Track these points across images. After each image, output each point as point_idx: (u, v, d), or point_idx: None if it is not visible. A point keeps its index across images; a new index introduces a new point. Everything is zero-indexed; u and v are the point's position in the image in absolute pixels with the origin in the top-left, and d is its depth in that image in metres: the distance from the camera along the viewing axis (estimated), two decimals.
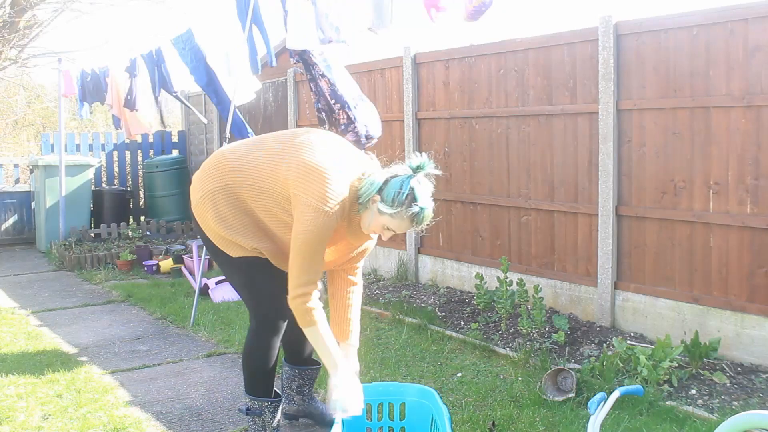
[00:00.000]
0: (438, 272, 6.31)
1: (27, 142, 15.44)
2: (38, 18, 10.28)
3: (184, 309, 5.81)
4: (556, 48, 5.15)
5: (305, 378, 3.44)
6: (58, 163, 8.70)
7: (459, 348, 4.63)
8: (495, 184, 5.70)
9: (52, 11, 10.24)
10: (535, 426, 3.41)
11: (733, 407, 3.56)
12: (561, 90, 5.14)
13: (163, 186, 9.71)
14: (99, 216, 9.44)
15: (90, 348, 4.92)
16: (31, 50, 10.82)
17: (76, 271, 7.73)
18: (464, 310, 5.40)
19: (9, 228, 9.62)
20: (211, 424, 3.60)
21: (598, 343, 4.58)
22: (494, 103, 5.67)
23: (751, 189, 4.13)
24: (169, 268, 7.45)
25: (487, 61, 5.70)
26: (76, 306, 6.21)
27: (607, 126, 4.78)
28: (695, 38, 4.34)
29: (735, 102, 4.15)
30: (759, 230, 4.10)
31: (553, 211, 5.25)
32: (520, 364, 4.23)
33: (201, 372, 4.38)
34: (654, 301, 4.63)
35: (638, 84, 4.65)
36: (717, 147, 4.27)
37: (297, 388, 3.45)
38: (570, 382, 3.75)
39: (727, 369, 4.01)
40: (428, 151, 6.28)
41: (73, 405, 3.79)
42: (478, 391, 3.87)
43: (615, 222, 4.81)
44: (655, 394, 3.66)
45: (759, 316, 4.11)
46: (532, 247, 5.44)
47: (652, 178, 4.61)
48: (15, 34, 9.74)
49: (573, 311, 5.14)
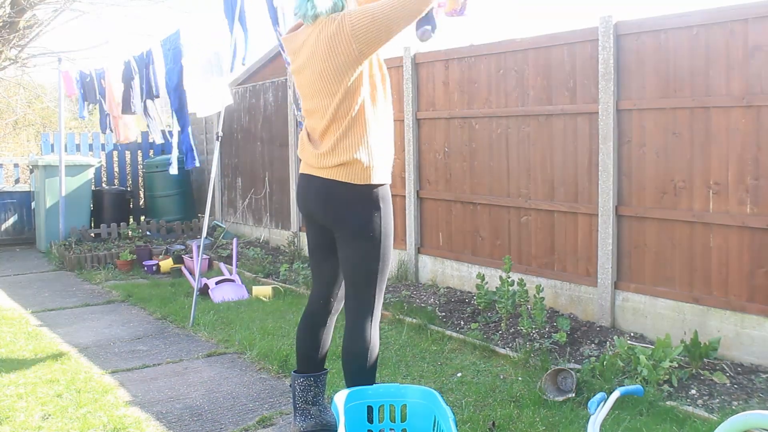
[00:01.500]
0: (438, 272, 6.31)
1: (27, 142, 15.45)
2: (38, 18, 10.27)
3: (184, 309, 5.81)
4: (556, 48, 5.15)
5: (320, 385, 3.32)
6: (58, 163, 8.71)
7: (459, 348, 4.63)
8: (495, 184, 5.70)
9: (52, 11, 10.23)
10: (535, 426, 3.40)
11: (733, 407, 3.56)
12: (561, 90, 5.14)
13: (163, 186, 9.71)
14: (99, 216, 9.44)
15: (90, 348, 4.92)
16: (31, 50, 10.81)
17: (76, 271, 7.73)
18: (464, 310, 5.40)
19: (9, 228, 9.62)
20: (211, 424, 3.60)
21: (598, 343, 4.58)
22: (494, 103, 5.67)
23: (751, 189, 4.13)
24: (169, 268, 7.45)
25: (487, 61, 5.70)
26: (76, 306, 6.21)
27: (607, 126, 4.78)
28: (695, 38, 4.34)
29: (735, 102, 4.16)
30: (759, 230, 4.10)
31: (553, 211, 5.25)
32: (520, 364, 4.23)
33: (201, 372, 4.38)
34: (654, 301, 4.63)
35: (638, 84, 4.65)
36: (717, 147, 4.27)
37: (313, 399, 3.27)
38: (570, 382, 3.75)
39: (727, 369, 4.01)
40: (428, 152, 6.29)
41: (73, 405, 3.79)
42: (478, 391, 3.87)
43: (615, 222, 4.81)
44: (655, 394, 3.66)
45: (759, 316, 4.11)
46: (532, 247, 5.44)
47: (652, 178, 4.61)
48: (15, 34, 9.74)
49: (573, 311, 5.14)
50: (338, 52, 2.75)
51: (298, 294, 6.22)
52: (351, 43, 2.73)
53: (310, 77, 2.88)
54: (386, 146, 2.94)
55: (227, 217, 9.93)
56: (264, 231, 9.05)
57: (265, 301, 6.04)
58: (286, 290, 6.35)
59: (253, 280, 6.93)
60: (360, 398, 2.94)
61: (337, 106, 2.82)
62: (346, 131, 2.84)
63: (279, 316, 5.55)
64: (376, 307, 2.99)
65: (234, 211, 9.75)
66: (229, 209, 9.88)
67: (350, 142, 2.84)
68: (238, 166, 9.55)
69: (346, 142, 2.84)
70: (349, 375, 3.00)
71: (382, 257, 2.94)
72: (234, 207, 9.74)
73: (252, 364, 4.48)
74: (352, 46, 2.73)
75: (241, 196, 9.54)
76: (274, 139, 8.70)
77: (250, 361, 4.54)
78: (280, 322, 5.34)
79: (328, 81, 2.81)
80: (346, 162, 2.84)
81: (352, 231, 2.91)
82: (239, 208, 9.60)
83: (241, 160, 9.50)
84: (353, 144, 2.84)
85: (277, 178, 8.65)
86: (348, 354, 2.99)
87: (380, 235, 2.91)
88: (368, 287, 2.96)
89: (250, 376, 4.29)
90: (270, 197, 8.81)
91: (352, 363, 2.98)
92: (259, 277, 7.04)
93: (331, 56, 2.77)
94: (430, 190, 6.33)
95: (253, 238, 9.24)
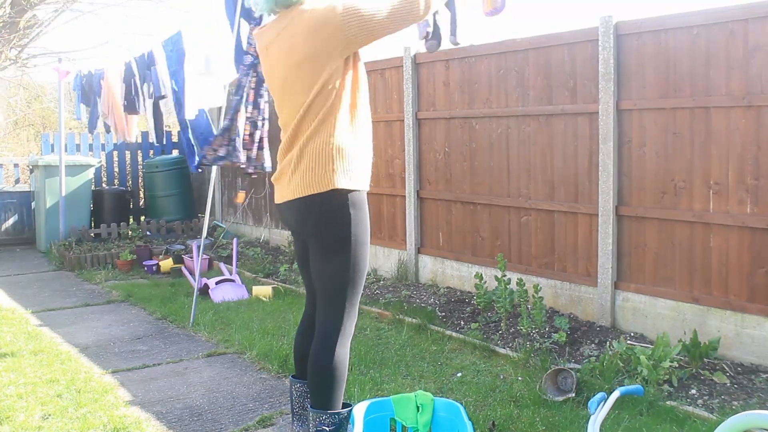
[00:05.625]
0: (438, 272, 6.31)
1: (27, 142, 15.44)
2: (38, 18, 10.28)
3: (184, 309, 5.81)
4: (556, 48, 5.16)
5: None
6: (58, 163, 8.70)
7: (459, 348, 4.63)
8: (495, 184, 5.70)
9: (52, 11, 10.24)
10: (535, 426, 3.40)
11: (733, 407, 3.56)
12: (561, 90, 5.14)
13: (163, 186, 9.71)
14: (99, 216, 9.44)
15: (90, 348, 4.92)
16: (31, 50, 10.82)
17: (76, 271, 7.73)
18: (464, 310, 5.40)
19: (9, 228, 9.62)
20: (211, 423, 3.60)
21: (598, 343, 4.58)
22: (494, 103, 5.67)
23: (751, 189, 4.13)
24: (169, 267, 7.45)
25: (487, 61, 5.70)
26: (76, 306, 6.21)
27: (607, 126, 4.78)
28: (695, 38, 4.34)
29: (735, 102, 4.16)
30: (759, 230, 4.11)
31: (553, 211, 5.25)
32: (520, 364, 4.23)
33: (201, 372, 4.38)
34: (654, 301, 4.63)
35: (638, 84, 4.65)
36: (717, 147, 4.27)
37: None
38: (570, 382, 3.75)
39: (727, 369, 4.01)
40: (429, 152, 6.30)
41: (73, 405, 3.79)
42: (478, 391, 3.87)
43: (615, 222, 4.81)
44: (655, 393, 3.66)
45: (759, 316, 4.11)
46: (532, 247, 5.44)
47: (652, 178, 4.61)
48: (15, 34, 9.74)
49: (573, 311, 5.15)
50: (321, 41, 2.58)
51: (298, 294, 6.22)
52: (338, 35, 2.57)
53: (285, 70, 2.70)
54: (360, 151, 2.74)
55: (227, 217, 9.93)
56: (264, 231, 9.05)
57: (265, 301, 6.04)
58: (286, 290, 6.35)
59: (253, 280, 6.93)
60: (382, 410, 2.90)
61: (311, 103, 2.64)
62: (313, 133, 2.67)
63: (279, 315, 5.55)
64: (346, 322, 2.78)
65: (234, 211, 9.75)
66: (229, 209, 9.88)
67: (315, 144, 2.67)
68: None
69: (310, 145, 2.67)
70: (313, 392, 2.79)
71: (353, 266, 2.74)
72: (234, 207, 9.74)
73: (252, 364, 4.48)
74: (338, 39, 2.57)
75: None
76: (273, 139, 8.67)
77: (250, 360, 4.54)
78: (280, 322, 5.34)
79: (305, 71, 2.63)
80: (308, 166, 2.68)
81: (321, 240, 2.75)
82: (239, 208, 9.60)
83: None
84: (317, 146, 2.66)
85: None
86: (312, 370, 2.78)
87: (350, 244, 2.71)
88: (337, 300, 2.76)
89: (250, 375, 4.29)
90: (270, 197, 8.81)
91: (315, 381, 2.77)
92: (259, 277, 7.04)
93: (312, 45, 2.59)
94: (431, 190, 6.33)
95: (253, 238, 9.24)
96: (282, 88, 2.75)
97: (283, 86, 2.74)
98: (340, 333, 2.76)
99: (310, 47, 2.60)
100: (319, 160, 2.66)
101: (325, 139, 2.66)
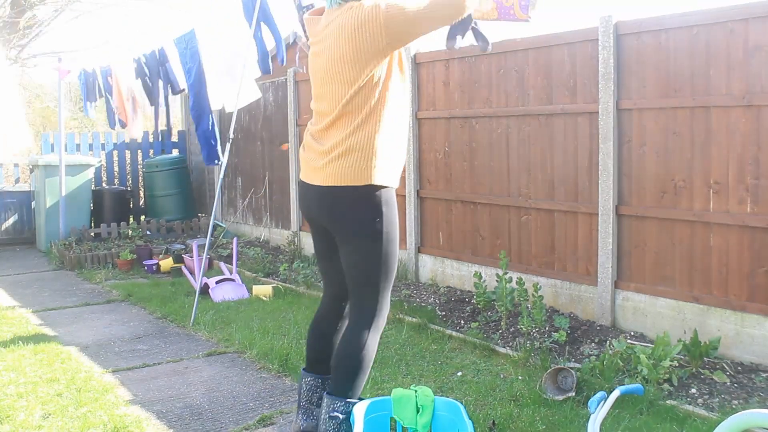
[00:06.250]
0: (438, 271, 6.31)
1: None
2: (38, 18, 10.29)
3: (184, 308, 5.81)
4: (556, 48, 5.16)
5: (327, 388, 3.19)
6: (58, 163, 8.70)
7: (459, 347, 4.63)
8: (495, 183, 5.71)
9: (52, 11, 10.25)
10: (535, 425, 3.41)
11: (733, 406, 3.57)
12: (561, 90, 5.15)
13: (163, 186, 9.71)
14: (99, 215, 9.44)
15: (90, 347, 4.92)
16: (31, 50, 10.83)
17: (76, 271, 7.73)
18: (464, 310, 5.40)
19: (9, 228, 9.62)
20: (212, 423, 3.60)
21: (598, 342, 4.59)
22: (494, 103, 5.67)
23: (751, 189, 4.13)
24: (169, 267, 7.45)
25: (488, 61, 5.70)
26: (77, 305, 6.22)
27: (607, 126, 4.79)
28: (695, 38, 4.34)
29: (735, 102, 4.16)
30: (759, 230, 4.11)
31: (554, 210, 5.25)
32: (521, 363, 4.23)
33: (201, 371, 4.38)
34: (654, 301, 4.63)
35: (638, 84, 4.66)
36: (717, 147, 4.27)
37: (317, 400, 3.15)
38: (570, 381, 3.76)
39: (727, 368, 4.02)
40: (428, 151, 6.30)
41: (73, 404, 3.79)
42: (478, 390, 3.88)
43: (615, 221, 4.81)
44: (655, 393, 3.67)
45: (759, 316, 4.11)
46: (532, 247, 5.44)
47: (652, 178, 4.61)
48: (15, 34, 9.74)
49: (573, 310, 5.15)
50: (365, 38, 2.66)
51: (298, 293, 6.23)
52: (381, 33, 2.65)
53: (328, 61, 2.78)
54: (396, 149, 2.83)
55: (227, 217, 9.93)
56: (264, 230, 9.05)
57: (265, 301, 6.04)
58: (286, 289, 6.35)
59: (253, 280, 6.93)
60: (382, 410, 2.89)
61: (353, 96, 2.72)
62: (357, 127, 2.74)
63: (279, 315, 5.55)
64: (379, 314, 2.87)
65: (234, 210, 9.75)
66: (229, 209, 9.88)
67: (358, 138, 2.74)
68: (238, 165, 9.56)
69: (353, 138, 2.74)
70: (335, 379, 2.86)
71: (384, 261, 2.82)
72: (234, 206, 9.75)
73: (252, 363, 4.48)
74: (381, 36, 2.65)
75: (241, 195, 9.54)
76: (274, 138, 8.71)
77: (251, 360, 4.55)
78: (280, 321, 5.34)
79: (348, 66, 2.71)
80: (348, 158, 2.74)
81: (352, 231, 2.82)
82: (239, 208, 9.60)
83: (241, 159, 9.50)
84: (360, 140, 2.73)
85: (277, 177, 8.66)
86: (339, 356, 2.86)
87: (382, 239, 2.79)
88: (370, 290, 2.85)
89: (250, 375, 4.29)
90: (270, 197, 8.81)
91: (341, 366, 2.84)
92: (259, 277, 7.05)
93: (356, 41, 2.67)
94: (431, 189, 6.34)
95: (253, 238, 9.24)
96: (324, 79, 2.83)
97: (324, 77, 2.83)
98: (373, 324, 2.86)
99: (353, 43, 2.69)
100: (362, 154, 2.74)
101: (370, 134, 2.74)
